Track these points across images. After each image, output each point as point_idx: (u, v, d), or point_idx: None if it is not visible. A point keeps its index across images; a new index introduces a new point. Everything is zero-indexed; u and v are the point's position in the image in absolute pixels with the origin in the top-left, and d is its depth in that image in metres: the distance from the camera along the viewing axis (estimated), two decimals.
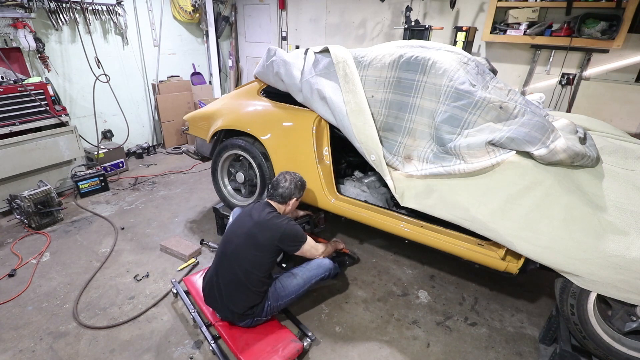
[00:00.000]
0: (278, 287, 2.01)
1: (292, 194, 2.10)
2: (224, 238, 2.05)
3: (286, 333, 1.97)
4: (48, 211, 3.19)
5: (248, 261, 1.89)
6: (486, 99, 1.91)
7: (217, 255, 2.03)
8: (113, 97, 4.37)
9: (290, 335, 1.95)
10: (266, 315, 1.97)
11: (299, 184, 2.14)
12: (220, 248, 2.03)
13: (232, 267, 1.91)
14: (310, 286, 2.08)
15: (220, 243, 2.05)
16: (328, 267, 2.15)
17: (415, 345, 2.09)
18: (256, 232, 1.91)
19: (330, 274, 2.16)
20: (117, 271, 2.65)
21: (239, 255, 1.91)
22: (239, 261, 1.90)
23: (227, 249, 1.97)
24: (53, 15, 3.79)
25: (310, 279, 2.07)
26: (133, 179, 4.24)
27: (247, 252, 1.90)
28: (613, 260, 1.52)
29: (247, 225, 1.97)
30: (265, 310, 1.95)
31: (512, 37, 3.51)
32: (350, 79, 2.24)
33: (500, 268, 1.93)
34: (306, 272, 2.08)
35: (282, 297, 1.99)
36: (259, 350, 1.84)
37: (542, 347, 2.06)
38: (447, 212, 1.93)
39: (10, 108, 3.25)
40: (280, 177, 2.12)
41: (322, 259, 2.16)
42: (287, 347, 1.86)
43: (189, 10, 5.11)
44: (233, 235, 1.99)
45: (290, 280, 2.04)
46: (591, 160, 1.77)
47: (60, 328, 2.15)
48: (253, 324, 1.98)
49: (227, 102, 3.00)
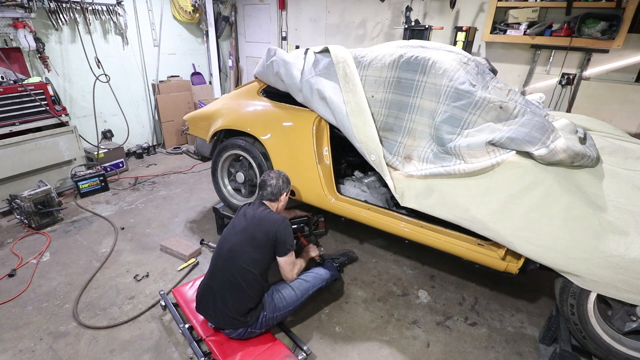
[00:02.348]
0: (275, 299, 1.97)
1: (281, 190, 2.12)
2: (219, 241, 2.03)
3: (280, 347, 1.89)
4: (48, 211, 3.19)
5: (244, 259, 1.87)
6: (486, 99, 1.91)
7: (213, 258, 2.01)
8: (113, 97, 4.37)
9: (284, 350, 1.87)
10: (260, 327, 1.91)
11: (285, 179, 2.16)
12: (215, 251, 2.01)
13: (228, 267, 1.89)
14: (308, 297, 2.07)
15: (216, 247, 2.03)
16: (324, 277, 2.16)
17: (415, 345, 2.09)
18: (253, 228, 1.92)
19: (327, 283, 2.18)
20: (117, 271, 2.65)
21: (235, 253, 1.89)
22: (235, 260, 1.88)
23: (222, 250, 1.96)
24: (53, 15, 3.78)
25: (307, 290, 2.06)
26: (133, 179, 4.24)
27: (243, 250, 1.89)
28: (613, 260, 1.52)
29: (242, 224, 1.97)
30: (260, 321, 1.90)
31: (512, 37, 3.51)
32: (350, 79, 2.25)
33: (500, 268, 1.93)
34: (304, 284, 2.07)
35: (278, 309, 1.95)
36: None
37: (542, 347, 2.06)
38: (447, 212, 1.93)
39: (10, 108, 3.25)
40: (265, 176, 2.13)
41: (319, 269, 2.19)
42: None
43: (189, 10, 5.11)
44: (228, 235, 2.00)
45: (287, 291, 2.02)
46: (591, 160, 1.77)
47: (60, 328, 2.15)
48: (246, 336, 1.91)
49: (227, 102, 3.00)
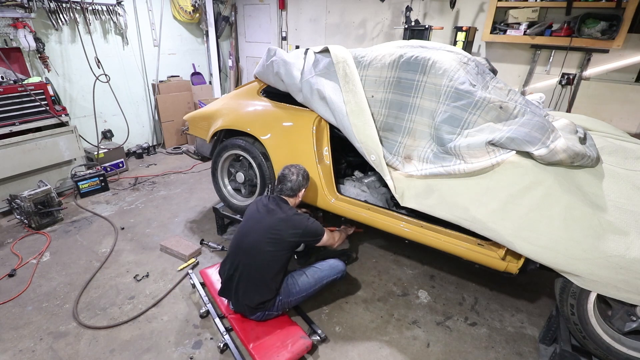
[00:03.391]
0: (290, 284, 2.05)
1: (301, 186, 2.15)
2: (239, 232, 2.08)
3: (296, 329, 2.02)
4: (48, 211, 3.19)
5: (265, 257, 1.93)
6: (486, 99, 1.91)
7: (232, 249, 2.06)
8: (113, 97, 4.37)
9: (300, 332, 2.00)
10: (277, 310, 2.03)
11: (305, 175, 2.19)
12: (235, 242, 2.06)
13: (250, 262, 1.95)
14: (322, 286, 2.13)
15: (235, 236, 2.09)
16: (341, 269, 2.19)
17: (415, 345, 2.09)
18: (281, 228, 1.96)
19: (342, 275, 2.20)
20: (117, 271, 2.65)
21: (259, 250, 1.94)
22: (259, 256, 1.94)
23: (243, 244, 2.00)
24: (53, 15, 3.78)
25: (322, 279, 2.11)
26: (133, 179, 4.24)
27: (267, 247, 1.94)
28: (613, 260, 1.52)
29: (266, 221, 1.99)
30: (276, 305, 2.01)
31: (512, 37, 3.51)
32: (350, 79, 2.24)
33: (500, 268, 1.93)
34: (318, 272, 2.13)
35: (293, 293, 2.04)
36: (269, 344, 1.91)
37: (542, 347, 2.06)
38: (447, 212, 1.93)
39: (10, 108, 3.25)
40: (286, 171, 2.15)
41: (335, 261, 2.22)
42: (296, 343, 1.91)
43: (189, 10, 5.11)
44: (250, 229, 2.02)
45: (302, 278, 2.09)
46: (591, 160, 1.77)
47: (60, 328, 2.15)
48: (264, 318, 2.04)
49: (227, 102, 3.00)
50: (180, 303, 2.35)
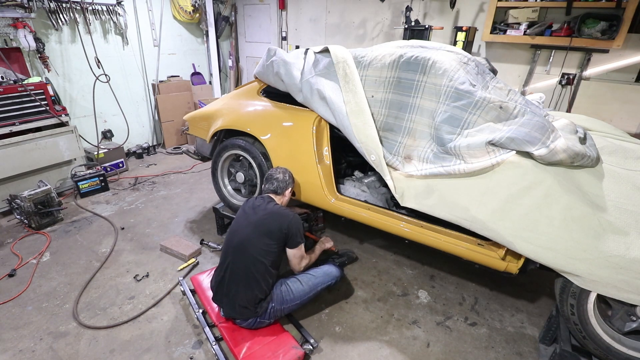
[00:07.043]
0: (284, 291, 2.03)
1: (287, 184, 2.21)
2: (229, 232, 2.10)
3: (288, 339, 1.96)
4: (48, 211, 3.19)
5: (256, 250, 1.93)
6: (486, 99, 1.91)
7: (223, 250, 2.07)
8: (113, 97, 4.37)
9: (292, 342, 1.94)
10: (269, 317, 1.99)
11: (290, 175, 2.28)
12: (226, 243, 2.06)
13: (240, 258, 1.95)
14: (316, 293, 2.11)
15: (226, 237, 2.09)
16: (335, 274, 2.19)
17: (415, 345, 2.09)
18: (267, 221, 1.98)
19: (336, 281, 2.20)
20: (117, 271, 2.65)
21: (247, 244, 1.94)
22: (247, 251, 1.94)
23: (233, 242, 2.00)
24: (53, 15, 3.78)
25: (316, 286, 2.10)
26: (133, 179, 4.24)
27: (256, 241, 1.94)
28: (613, 260, 1.52)
29: (254, 217, 2.01)
30: (268, 312, 1.97)
31: (512, 37, 3.51)
32: (350, 79, 2.25)
33: (500, 268, 1.93)
34: (312, 279, 2.11)
35: (286, 301, 2.01)
36: (259, 354, 1.85)
37: (542, 347, 2.06)
38: (447, 212, 1.93)
39: (10, 108, 3.25)
40: (272, 171, 2.24)
41: (329, 267, 2.22)
42: (287, 353, 1.85)
43: (189, 10, 5.11)
44: (239, 227, 2.04)
45: (296, 285, 2.07)
46: (591, 160, 1.77)
47: (60, 328, 2.15)
48: (256, 326, 1.99)
49: (227, 102, 3.00)
50: (180, 303, 2.35)
